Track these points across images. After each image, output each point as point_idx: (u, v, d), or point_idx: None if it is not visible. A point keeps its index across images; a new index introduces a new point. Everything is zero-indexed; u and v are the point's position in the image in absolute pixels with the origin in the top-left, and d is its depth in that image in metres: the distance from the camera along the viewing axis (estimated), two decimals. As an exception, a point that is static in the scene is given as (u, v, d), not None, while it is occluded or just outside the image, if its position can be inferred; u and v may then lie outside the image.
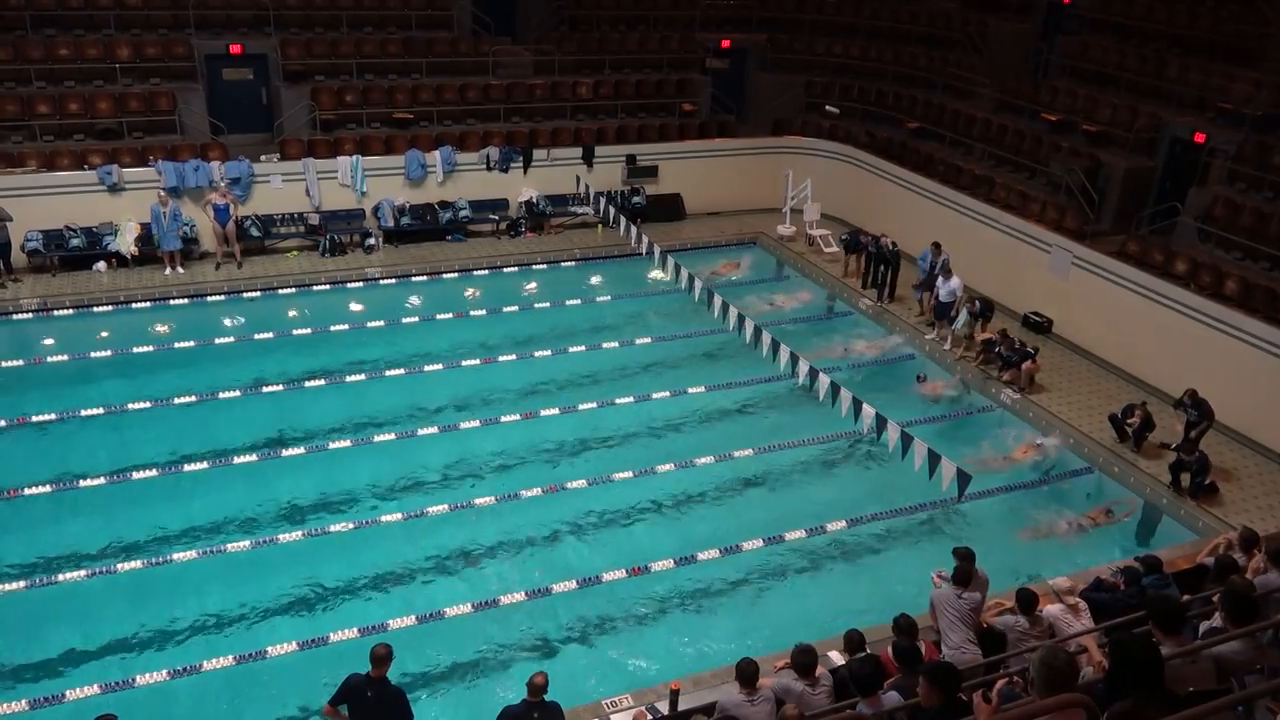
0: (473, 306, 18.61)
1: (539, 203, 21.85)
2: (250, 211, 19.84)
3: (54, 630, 10.45)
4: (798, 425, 15.02)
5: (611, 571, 11.62)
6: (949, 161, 20.99)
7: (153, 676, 9.82)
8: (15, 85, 19.85)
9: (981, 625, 9.10)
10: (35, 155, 18.97)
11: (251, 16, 22.15)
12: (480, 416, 14.77)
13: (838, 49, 25.72)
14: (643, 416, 15.11)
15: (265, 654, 10.17)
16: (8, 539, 11.80)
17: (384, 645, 7.91)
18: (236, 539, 11.93)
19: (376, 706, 7.84)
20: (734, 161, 23.51)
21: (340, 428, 14.38)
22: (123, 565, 11.41)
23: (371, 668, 7.83)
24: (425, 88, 22.32)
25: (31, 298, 17.56)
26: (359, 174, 20.48)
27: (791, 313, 18.93)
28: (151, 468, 13.15)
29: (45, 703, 9.47)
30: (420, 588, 11.43)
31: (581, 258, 20.89)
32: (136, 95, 20.33)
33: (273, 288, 18.72)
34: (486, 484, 13.32)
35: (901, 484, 13.24)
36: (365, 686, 7.83)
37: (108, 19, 21.20)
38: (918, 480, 12.64)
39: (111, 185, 18.78)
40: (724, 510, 13.11)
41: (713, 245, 21.93)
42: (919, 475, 12.43)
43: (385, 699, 7.87)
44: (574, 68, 24.00)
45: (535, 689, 7.99)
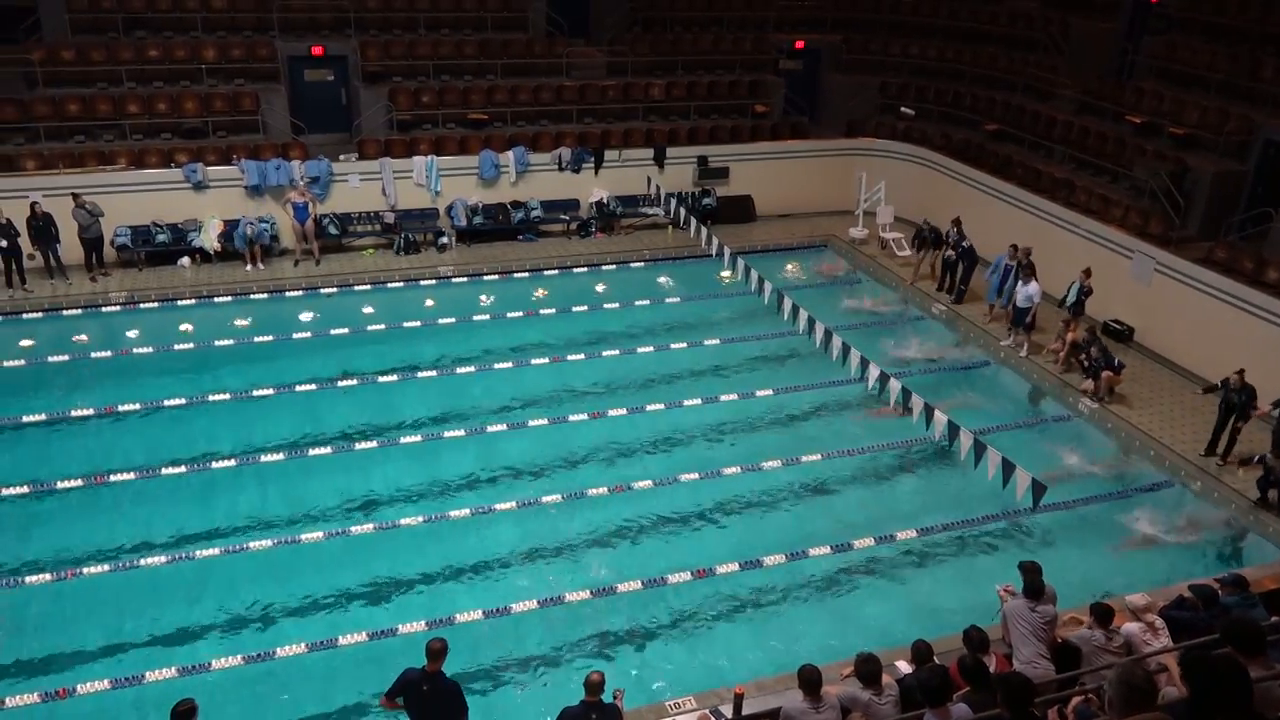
0: (542, 306, 18.74)
1: (610, 203, 21.93)
2: (328, 210, 20.27)
3: (133, 613, 10.78)
4: (867, 431, 14.83)
5: (676, 573, 11.59)
6: (1028, 164, 20.52)
7: (228, 660, 10.08)
8: (107, 86, 20.57)
9: (1055, 640, 8.87)
10: (125, 153, 19.64)
11: (333, 19, 22.63)
12: (548, 415, 14.87)
13: (914, 49, 25.34)
14: (710, 418, 15.06)
15: (336, 643, 10.37)
16: (102, 520, 12.22)
17: (439, 640, 7.99)
18: (309, 530, 12.18)
19: (432, 700, 7.94)
20: (806, 163, 23.31)
21: (411, 423, 14.61)
22: (201, 552, 11.73)
23: (427, 662, 7.93)
24: (500, 89, 22.56)
25: (119, 291, 18.18)
26: (434, 174, 20.78)
27: (862, 316, 18.68)
28: (230, 458, 13.52)
29: (125, 683, 9.78)
30: (486, 583, 11.54)
31: (651, 259, 20.91)
32: (221, 95, 20.91)
33: (349, 284, 19.11)
34: (554, 482, 13.40)
35: (974, 493, 12.98)
36: (421, 680, 7.93)
37: (195, 21, 21.84)
38: (991, 489, 12.38)
39: (197, 183, 19.36)
40: (791, 515, 13.00)
41: (783, 247, 21.77)
42: (992, 484, 12.17)
43: (440, 693, 7.96)
44: (647, 69, 24.04)
45: (593, 687, 8.00)
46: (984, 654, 8.25)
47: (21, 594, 11.00)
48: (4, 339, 16.73)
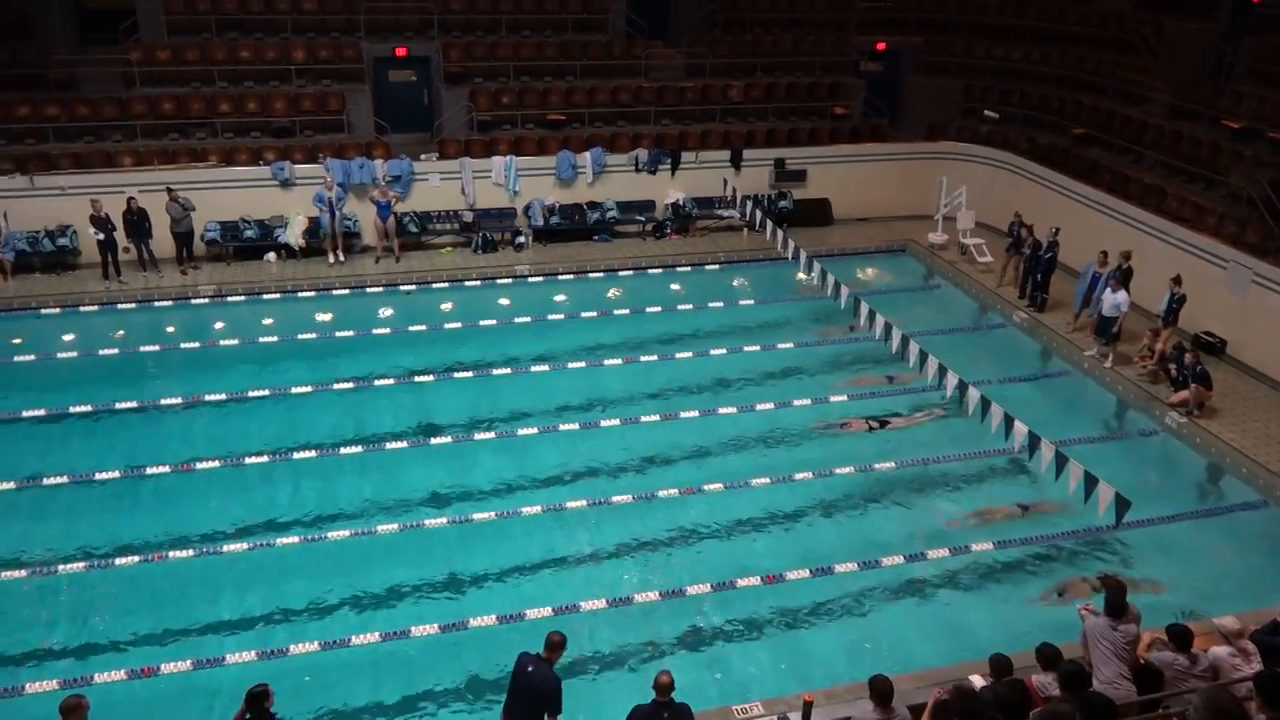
0: (616, 306, 18.81)
1: (685, 205, 21.93)
2: (409, 208, 20.64)
3: (215, 597, 11.09)
4: (943, 439, 14.58)
5: (746, 578, 11.53)
6: (1116, 170, 19.95)
7: (305, 647, 10.32)
8: (200, 85, 21.25)
9: (1138, 660, 8.60)
10: (216, 151, 20.27)
11: (417, 20, 23.04)
12: (620, 415, 14.92)
13: (999, 51, 24.84)
14: (783, 422, 14.93)
15: (409, 633, 10.54)
16: (188, 507, 12.63)
17: (559, 633, 8.28)
18: (385, 522, 12.41)
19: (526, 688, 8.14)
20: (885, 167, 23.01)
21: (485, 420, 14.78)
22: (281, 540, 12.04)
23: (544, 650, 8.18)
24: (579, 90, 22.71)
25: (208, 284, 18.76)
26: (512, 174, 21.02)
27: (940, 323, 18.36)
28: (311, 449, 13.84)
29: (206, 664, 10.08)
30: (556, 581, 11.61)
31: (726, 261, 20.84)
32: (309, 95, 21.45)
33: (427, 282, 19.43)
34: (624, 482, 13.43)
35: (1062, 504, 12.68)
36: (528, 662, 8.18)
37: (285, 23, 22.44)
38: (1073, 503, 12.06)
39: (284, 180, 19.88)
40: (863, 523, 12.81)
41: (861, 251, 21.52)
42: (1074, 498, 11.85)
43: (542, 680, 8.15)
44: (725, 70, 23.99)
45: (663, 688, 8.01)
46: (1050, 671, 8.10)
47: (112, 575, 11.41)
48: (99, 328, 17.40)
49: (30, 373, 15.87)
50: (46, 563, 11.53)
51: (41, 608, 10.94)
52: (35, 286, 18.50)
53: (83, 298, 18.17)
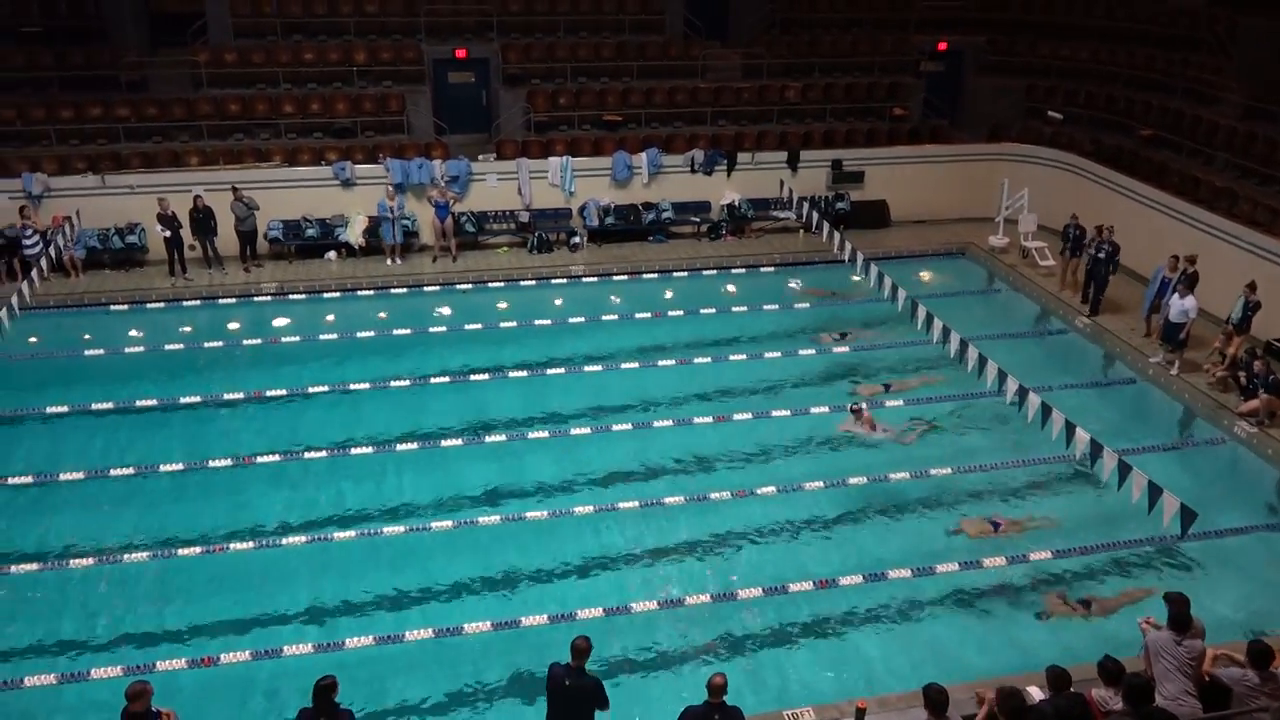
0: (670, 307, 18.79)
1: (741, 206, 21.84)
2: (466, 208, 20.84)
3: (273, 590, 11.30)
4: (1002, 445, 14.32)
5: (798, 583, 11.43)
6: (1186, 173, 19.43)
7: (360, 641, 10.46)
8: (266, 87, 21.67)
9: (1203, 677, 8.36)
10: (280, 151, 20.66)
11: (476, 23, 23.26)
12: (672, 416, 14.89)
13: (1064, 51, 24.34)
14: (837, 426, 14.79)
15: (461, 630, 10.64)
16: (247, 499, 12.89)
17: (584, 638, 8.17)
18: (440, 519, 12.53)
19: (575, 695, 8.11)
20: (945, 168, 22.69)
21: (538, 418, 14.86)
22: (338, 534, 12.22)
23: (571, 658, 8.11)
24: (635, 90, 22.74)
25: (270, 281, 19.13)
26: (568, 174, 21.12)
27: (1000, 327, 18.04)
28: (367, 446, 14.03)
29: (264, 655, 10.26)
30: (607, 580, 11.63)
31: (781, 263, 20.71)
32: (370, 97, 21.77)
33: (483, 281, 19.59)
34: (676, 483, 13.40)
35: (1118, 516, 12.38)
36: (564, 675, 8.10)
37: (348, 25, 22.79)
38: (1135, 513, 11.77)
39: (345, 180, 20.20)
40: (918, 529, 12.64)
41: (919, 254, 21.24)
42: (1137, 507, 11.56)
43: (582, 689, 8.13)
44: (783, 70, 23.84)
45: (715, 690, 7.97)
46: (1112, 686, 7.93)
47: (173, 565, 11.68)
48: (166, 324, 17.84)
49: (99, 366, 16.32)
50: (113, 551, 11.84)
51: (107, 595, 11.23)
52: (105, 282, 19.02)
53: (150, 294, 18.64)
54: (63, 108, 20.64)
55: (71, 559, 11.69)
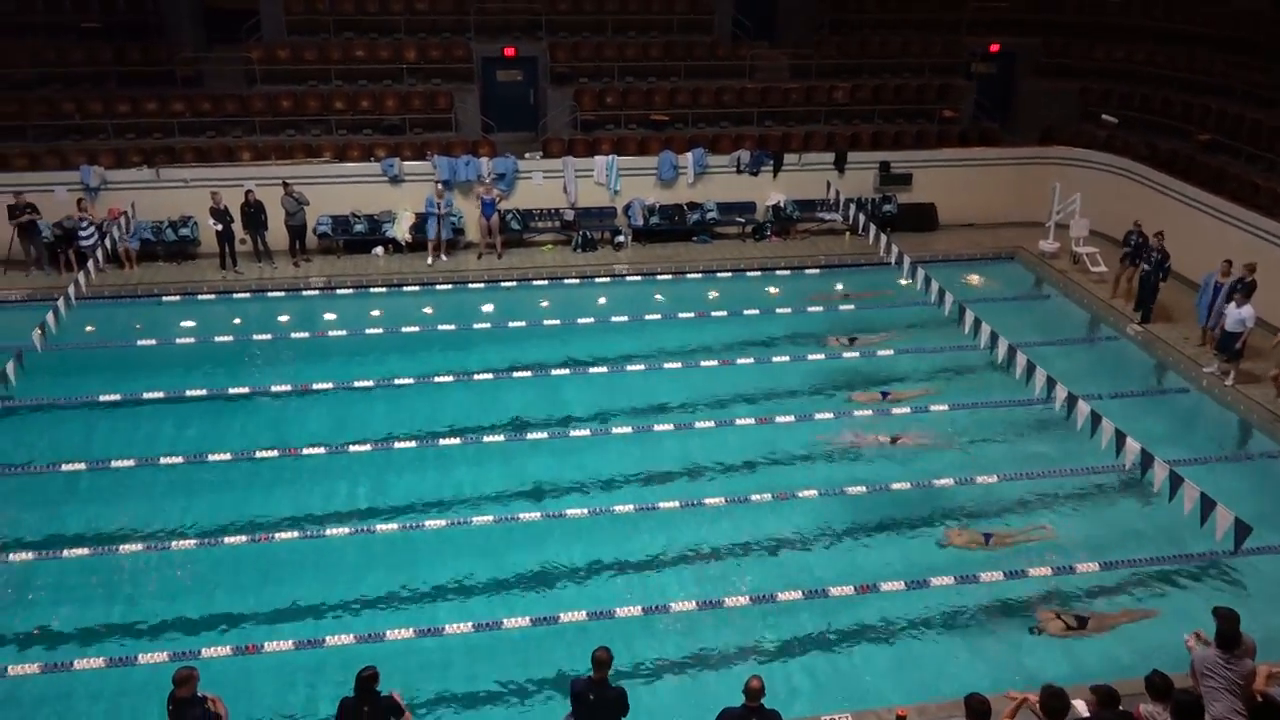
0: (714, 307, 18.74)
1: (787, 207, 21.73)
2: (512, 206, 20.94)
3: (317, 580, 11.44)
4: (1049, 454, 14.10)
5: (839, 587, 11.35)
6: (1245, 178, 18.96)
7: (400, 633, 10.55)
8: (317, 84, 21.95)
9: (1254, 696, 8.16)
10: (330, 147, 20.91)
11: (525, 21, 23.37)
12: (715, 417, 14.85)
13: (1119, 53, 23.90)
14: (881, 430, 14.65)
15: (501, 624, 10.69)
16: (292, 490, 13.07)
17: (605, 649, 8.17)
18: (481, 514, 12.61)
19: (599, 707, 8.11)
20: (995, 171, 22.39)
21: (580, 416, 14.89)
22: (380, 526, 12.35)
23: (592, 670, 8.11)
24: (683, 90, 22.71)
25: (319, 276, 19.37)
26: (614, 173, 21.15)
27: (1049, 334, 17.76)
28: (410, 439, 14.16)
29: (307, 645, 10.40)
30: (647, 579, 11.62)
31: (826, 265, 20.57)
32: (419, 94, 21.96)
33: (528, 279, 19.68)
34: (717, 484, 13.37)
35: (1169, 528, 12.13)
36: (587, 689, 8.10)
37: (399, 24, 23.01)
38: (1187, 526, 11.53)
39: (393, 177, 20.40)
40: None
41: (967, 258, 20.98)
42: (1189, 520, 11.32)
43: (606, 701, 8.12)
44: (831, 71, 23.67)
45: (752, 693, 7.95)
46: (1159, 701, 7.77)
47: (220, 553, 11.87)
48: (216, 316, 18.14)
49: (151, 356, 16.64)
50: (161, 538, 12.06)
51: (155, 581, 11.43)
52: (158, 274, 19.38)
53: (201, 286, 18.96)
54: (120, 102, 21.07)
55: (121, 545, 11.92)
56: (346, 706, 7.97)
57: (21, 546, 11.90)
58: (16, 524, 12.30)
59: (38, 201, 18.81)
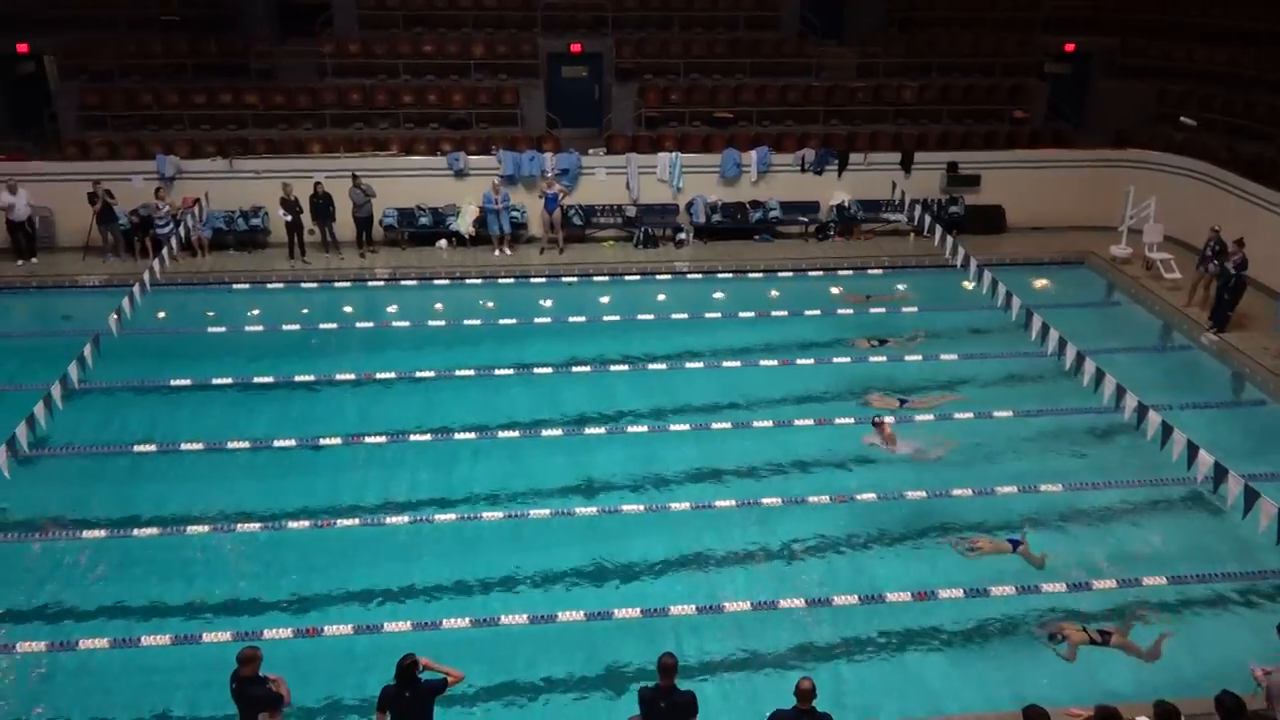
0: (775, 307, 18.62)
1: (851, 207, 21.50)
2: (574, 201, 21.03)
3: (376, 566, 11.59)
4: (1117, 464, 13.76)
5: (896, 592, 11.20)
6: (1331, 185, 18.32)
7: (457, 622, 10.65)
8: (386, 77, 22.27)
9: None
10: (397, 140, 21.19)
11: (592, 18, 23.43)
12: (772, 417, 14.74)
13: (1200, 54, 23.22)
14: (943, 434, 14.43)
15: (555, 618, 10.74)
16: (355, 477, 13.28)
17: (671, 655, 8.14)
18: (538, 506, 12.68)
19: (669, 714, 8.09)
20: (1067, 174, 21.91)
21: (638, 413, 14.90)
22: (439, 516, 12.48)
23: (660, 677, 8.09)
24: (748, 88, 22.60)
25: (384, 267, 19.66)
26: (677, 170, 21.12)
27: (1119, 341, 17.32)
28: (469, 431, 14.29)
29: (366, 630, 10.55)
30: (703, 577, 11.58)
31: (890, 266, 20.33)
32: (486, 89, 22.16)
33: (589, 274, 19.76)
34: (775, 484, 13.27)
35: (1246, 543, 11.76)
36: (657, 697, 8.08)
37: (467, 19, 23.28)
38: (1264, 542, 11.16)
39: (458, 170, 20.62)
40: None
41: (1035, 262, 20.57)
42: (1265, 537, 10.95)
43: (676, 706, 8.10)
44: (899, 70, 23.37)
45: (804, 695, 7.89)
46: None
47: (284, 538, 12.10)
48: (284, 305, 18.51)
49: (221, 343, 17.06)
50: (227, 521, 12.33)
51: (219, 563, 11.70)
52: (228, 263, 19.83)
53: (270, 275, 19.35)
54: (196, 94, 21.60)
55: (189, 526, 12.21)
56: (388, 694, 8.09)
57: (94, 524, 12.24)
58: (89, 502, 12.67)
59: (115, 190, 19.35)
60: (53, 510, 12.51)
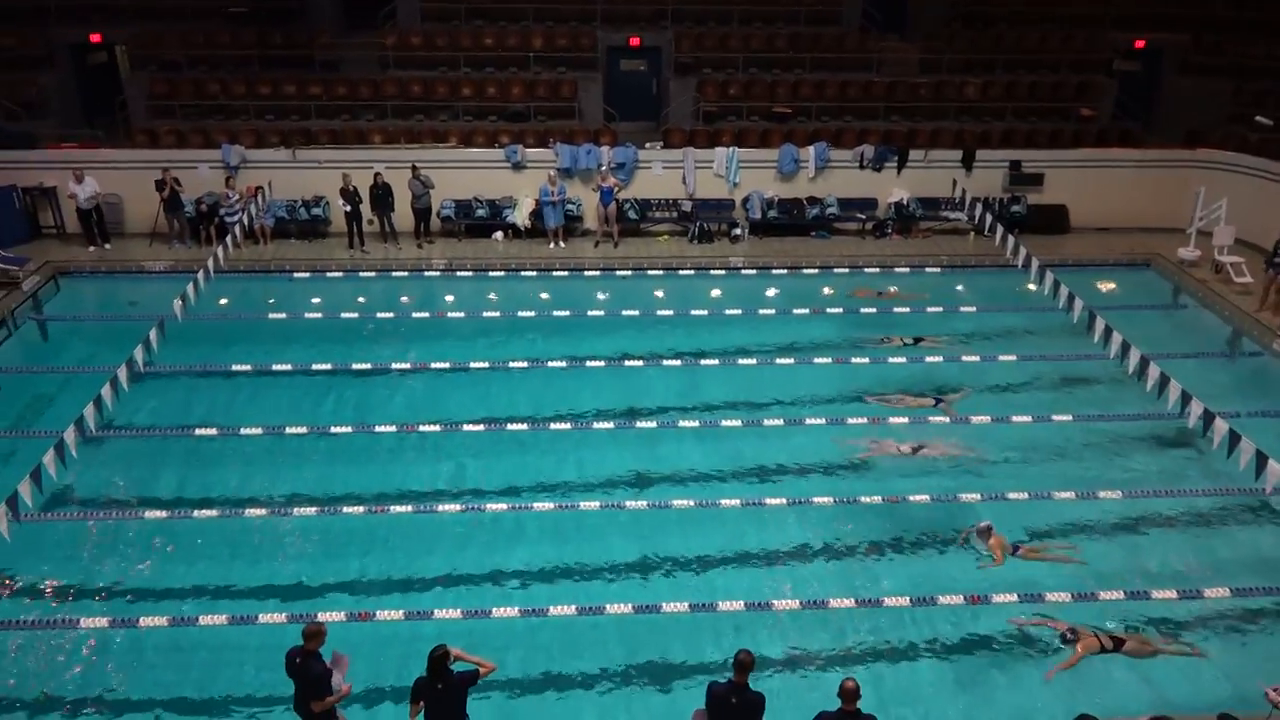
0: (829, 304, 18.44)
1: (910, 204, 21.22)
2: (630, 195, 21.03)
3: (428, 553, 11.73)
4: (1180, 472, 13.42)
5: (948, 595, 11.03)
6: None
7: (506, 611, 10.73)
8: (446, 70, 22.45)
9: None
10: (456, 133, 21.37)
11: (651, 11, 23.40)
12: (826, 415, 14.60)
13: (1279, 50, 22.47)
14: (1000, 437, 14.18)
15: (603, 609, 10.76)
16: (406, 464, 13.44)
17: (747, 652, 8.10)
18: (588, 499, 12.72)
19: (741, 712, 8.07)
20: (1134, 174, 21.40)
21: (689, 408, 14.87)
22: (489, 505, 12.57)
23: (734, 674, 8.07)
24: (807, 83, 22.40)
25: (441, 258, 19.85)
26: (734, 165, 21.02)
27: (1185, 346, 16.87)
28: (523, 422, 14.38)
29: (418, 616, 10.65)
30: (751, 576, 11.52)
31: (949, 265, 20.03)
32: (544, 82, 22.25)
33: (643, 268, 19.76)
34: (827, 484, 13.14)
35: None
36: (729, 693, 8.05)
37: (527, 11, 23.35)
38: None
39: (515, 163, 20.73)
40: (1082, 552, 11.99)
41: (1099, 264, 20.12)
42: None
43: (749, 704, 8.07)
44: (962, 66, 22.99)
45: (848, 695, 7.83)
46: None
47: (338, 522, 12.29)
48: (343, 293, 18.78)
49: (281, 330, 17.35)
50: (283, 504, 12.55)
51: (276, 544, 11.91)
52: (289, 251, 20.17)
53: (329, 264, 19.65)
54: (261, 84, 21.98)
55: (247, 508, 12.45)
56: (420, 686, 8.16)
57: (155, 505, 12.54)
58: (150, 483, 12.98)
59: (181, 178, 19.77)
60: (116, 490, 12.84)
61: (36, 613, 10.75)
